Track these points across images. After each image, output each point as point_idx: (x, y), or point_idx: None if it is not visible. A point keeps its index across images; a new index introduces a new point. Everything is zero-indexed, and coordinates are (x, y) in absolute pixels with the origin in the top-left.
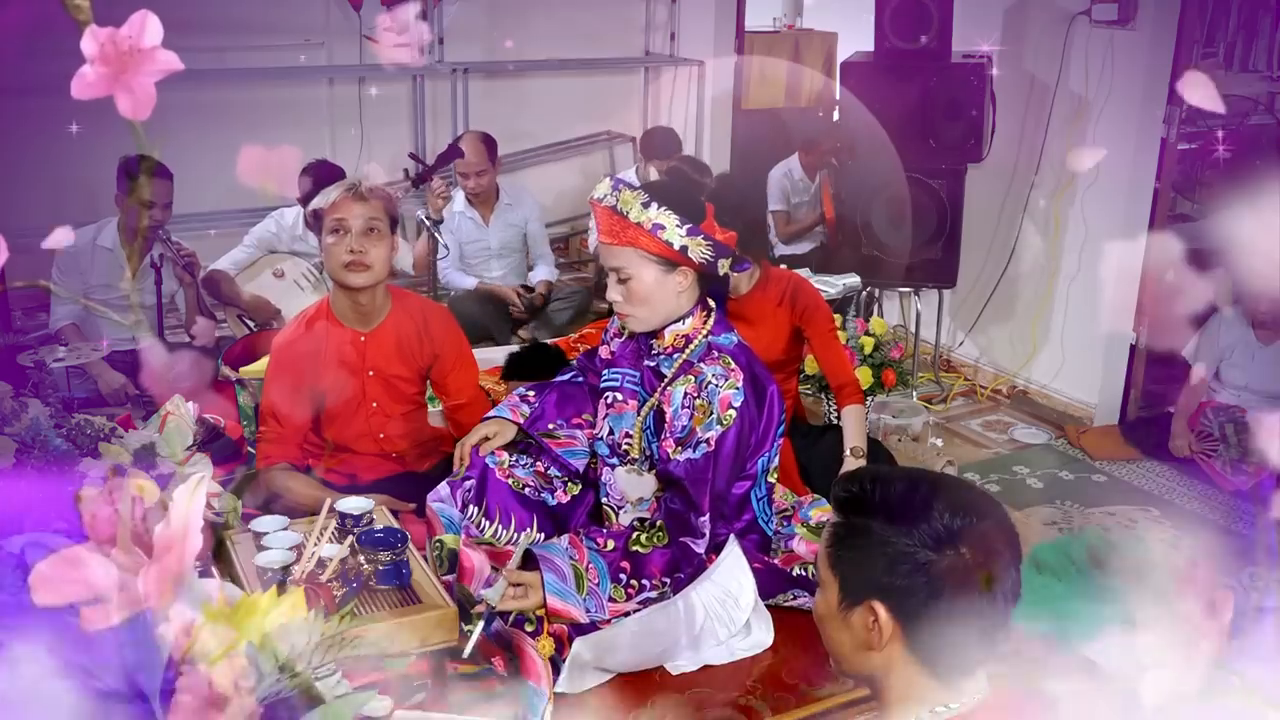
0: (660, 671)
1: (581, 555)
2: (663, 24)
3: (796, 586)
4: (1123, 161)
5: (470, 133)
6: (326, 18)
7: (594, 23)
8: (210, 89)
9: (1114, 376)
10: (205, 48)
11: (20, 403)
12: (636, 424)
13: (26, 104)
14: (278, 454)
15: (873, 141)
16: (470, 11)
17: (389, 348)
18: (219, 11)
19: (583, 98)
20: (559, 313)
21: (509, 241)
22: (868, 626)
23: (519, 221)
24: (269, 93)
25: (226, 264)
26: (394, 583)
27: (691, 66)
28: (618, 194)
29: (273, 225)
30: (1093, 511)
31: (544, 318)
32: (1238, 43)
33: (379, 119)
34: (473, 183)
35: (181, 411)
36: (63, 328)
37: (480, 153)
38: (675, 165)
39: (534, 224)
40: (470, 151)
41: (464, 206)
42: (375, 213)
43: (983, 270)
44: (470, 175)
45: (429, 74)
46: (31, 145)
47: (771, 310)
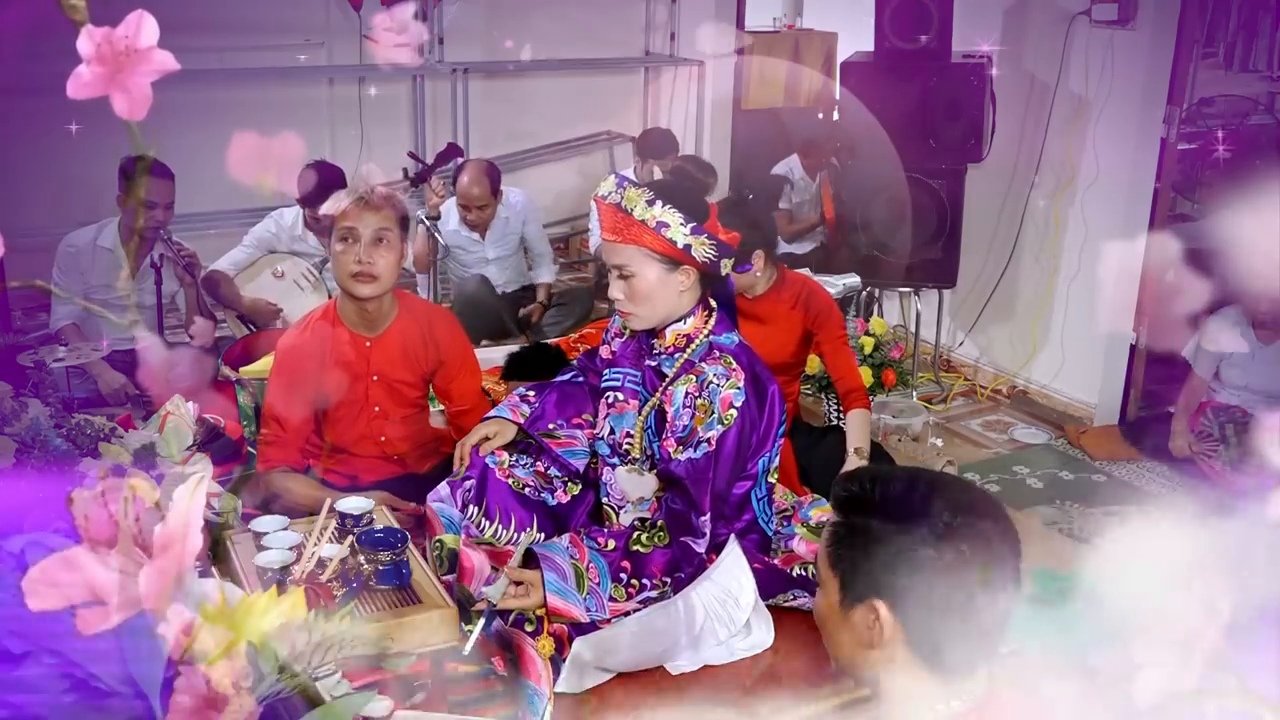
0: (660, 671)
1: (582, 554)
2: (663, 24)
3: (796, 586)
4: (1123, 161)
5: (473, 163)
6: (326, 18)
7: (594, 23)
8: (211, 89)
9: (1114, 376)
10: (205, 48)
11: (20, 403)
12: (637, 423)
13: (27, 104)
14: (279, 457)
15: (873, 141)
16: (470, 11)
17: (394, 353)
18: (219, 11)
19: (583, 98)
20: (558, 324)
21: (506, 249)
22: (869, 625)
23: (515, 229)
24: (269, 93)
25: (226, 264)
26: (394, 583)
27: (691, 66)
28: (622, 191)
29: (272, 225)
30: (1093, 511)
31: (543, 326)
32: (1238, 43)
33: (379, 119)
34: (474, 216)
35: (181, 411)
36: (63, 327)
37: (484, 186)
38: (679, 165)
39: (531, 225)
40: (474, 184)
41: (458, 225)
42: (385, 222)
43: (983, 270)
44: (472, 208)
45: (429, 74)
46: (32, 145)
47: (785, 312)
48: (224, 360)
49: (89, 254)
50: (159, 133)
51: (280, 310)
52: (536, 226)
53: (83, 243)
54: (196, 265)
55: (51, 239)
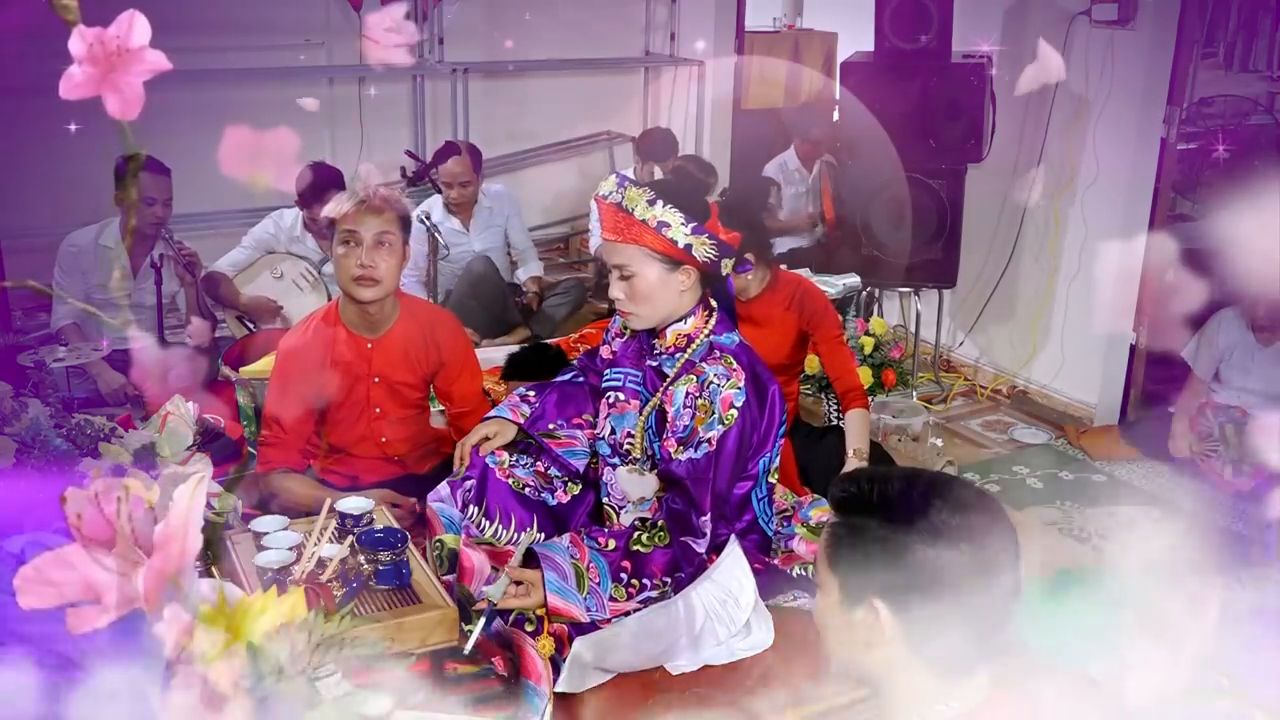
0: (660, 671)
1: (583, 554)
2: (663, 24)
3: (796, 587)
4: (1123, 161)
5: (453, 147)
6: (326, 18)
7: (594, 23)
8: (210, 89)
9: (1114, 376)
10: (205, 48)
11: (20, 403)
12: (638, 423)
13: (27, 104)
14: (279, 459)
15: (873, 141)
16: (470, 11)
17: (395, 355)
18: (219, 11)
19: (583, 98)
20: (557, 308)
21: (491, 241)
22: (869, 626)
23: (500, 222)
24: (269, 93)
25: (225, 265)
26: (394, 583)
27: (691, 66)
28: (623, 191)
29: (271, 226)
30: (1093, 511)
31: (541, 315)
32: (1238, 43)
33: (379, 119)
34: (455, 193)
35: (181, 411)
36: (63, 327)
37: (465, 164)
38: (680, 164)
39: (514, 220)
40: (455, 162)
41: (443, 216)
42: (387, 225)
43: (983, 270)
44: (454, 185)
45: (429, 74)
46: (32, 145)
47: (780, 314)
48: (224, 360)
49: (91, 253)
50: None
51: (280, 308)
52: (519, 221)
53: (84, 242)
54: (197, 265)
55: (52, 239)
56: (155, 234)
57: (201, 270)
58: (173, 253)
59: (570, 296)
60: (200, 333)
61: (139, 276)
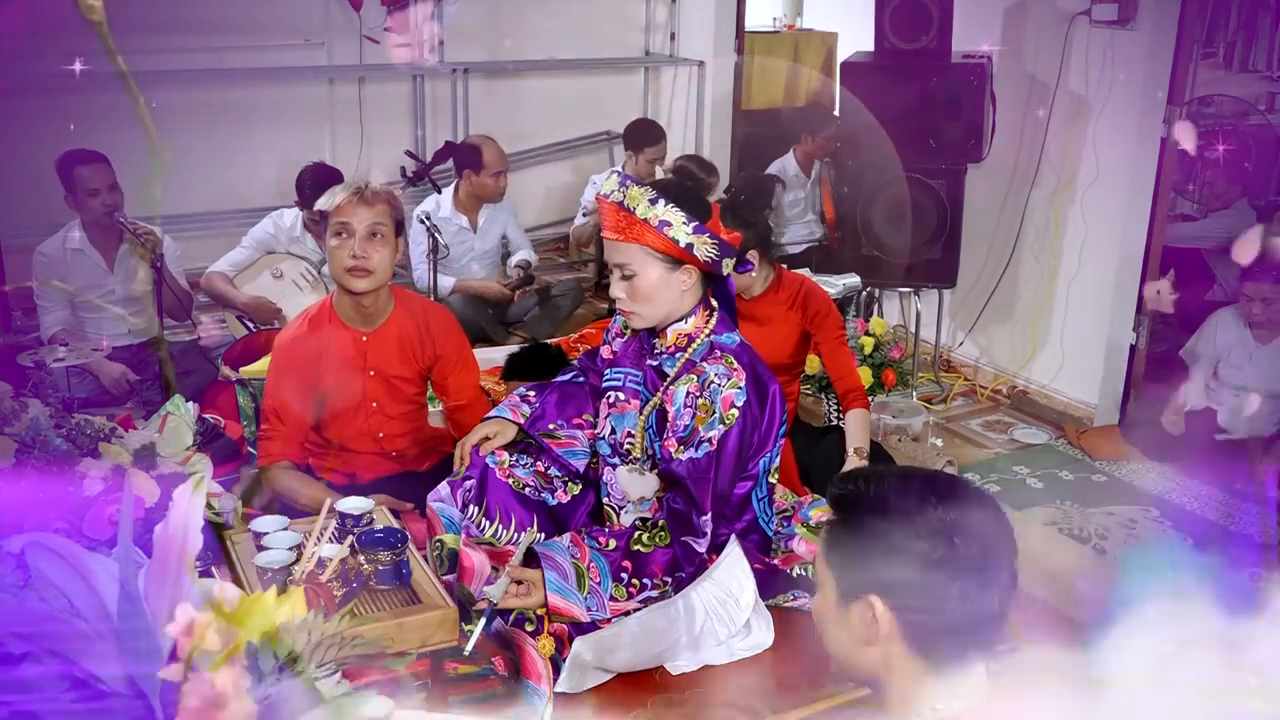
0: (660, 671)
1: (583, 554)
2: (663, 24)
3: (796, 587)
4: (1123, 161)
5: (485, 137)
6: (326, 17)
7: (594, 22)
8: (210, 89)
9: (1114, 376)
10: (205, 48)
11: (20, 403)
12: (639, 423)
13: (27, 104)
14: (279, 452)
15: (873, 141)
16: (470, 11)
17: (390, 348)
18: (219, 11)
19: (582, 98)
20: (557, 308)
21: (492, 244)
22: (866, 622)
23: (502, 225)
24: (269, 93)
25: (225, 265)
26: (394, 583)
27: (691, 66)
28: (625, 190)
29: (270, 226)
30: (1093, 511)
31: (542, 315)
32: (1238, 43)
33: (379, 119)
34: (503, 182)
35: (181, 411)
36: (54, 335)
37: (504, 154)
38: (681, 164)
39: (513, 225)
40: (496, 153)
41: (451, 212)
42: (380, 217)
43: (983, 270)
44: (502, 175)
45: (429, 74)
46: (32, 145)
47: (783, 313)
48: (224, 360)
49: (63, 259)
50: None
51: (280, 310)
52: (517, 226)
53: (53, 250)
54: (155, 242)
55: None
56: (113, 222)
57: (161, 247)
58: (130, 233)
59: (570, 297)
60: (176, 310)
61: (115, 269)
